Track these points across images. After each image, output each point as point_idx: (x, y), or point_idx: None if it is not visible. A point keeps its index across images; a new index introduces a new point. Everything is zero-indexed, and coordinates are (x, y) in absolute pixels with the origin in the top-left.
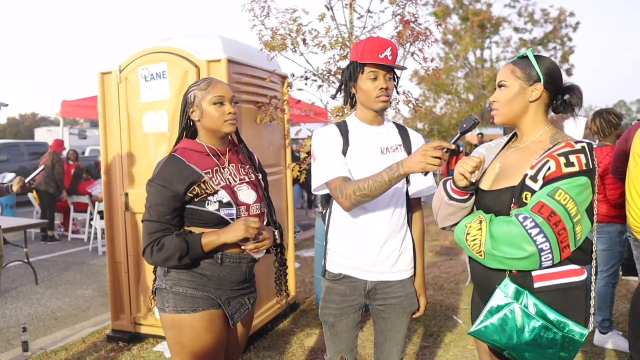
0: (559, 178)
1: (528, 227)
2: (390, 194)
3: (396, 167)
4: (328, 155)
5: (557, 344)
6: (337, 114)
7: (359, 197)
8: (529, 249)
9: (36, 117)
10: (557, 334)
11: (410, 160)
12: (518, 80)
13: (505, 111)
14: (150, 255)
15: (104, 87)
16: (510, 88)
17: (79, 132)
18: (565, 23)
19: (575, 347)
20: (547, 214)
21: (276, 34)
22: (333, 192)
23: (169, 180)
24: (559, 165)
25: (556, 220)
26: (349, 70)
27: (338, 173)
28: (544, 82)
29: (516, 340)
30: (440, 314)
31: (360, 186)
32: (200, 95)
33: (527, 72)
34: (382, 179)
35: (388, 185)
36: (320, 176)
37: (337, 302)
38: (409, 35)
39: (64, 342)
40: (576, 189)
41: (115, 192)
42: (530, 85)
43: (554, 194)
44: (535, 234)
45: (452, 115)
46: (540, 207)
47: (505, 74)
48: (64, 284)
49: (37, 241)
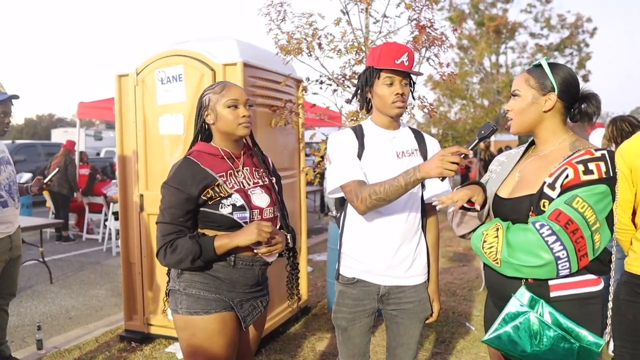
0: (577, 186)
1: (545, 235)
2: (406, 198)
3: (413, 172)
4: (343, 158)
5: (573, 354)
6: (351, 118)
7: (374, 200)
8: (546, 256)
9: (53, 118)
10: (574, 345)
11: (428, 165)
12: (532, 90)
13: (519, 120)
14: (163, 257)
15: (120, 89)
16: (523, 98)
17: (95, 134)
18: (582, 29)
19: (591, 358)
20: (564, 222)
21: (292, 38)
22: (348, 195)
23: (184, 183)
24: (577, 172)
25: (574, 229)
26: (365, 75)
27: (353, 177)
28: (559, 92)
29: (531, 350)
30: (452, 320)
31: (376, 190)
32: (214, 98)
33: (541, 82)
34: (399, 183)
35: (404, 190)
36: (335, 179)
37: (350, 306)
38: (425, 40)
39: (77, 342)
40: (595, 197)
41: (130, 194)
42: (544, 95)
43: (571, 201)
44: (552, 242)
45: (467, 120)
46: (558, 214)
47: (519, 83)
48: (79, 284)
49: (52, 241)
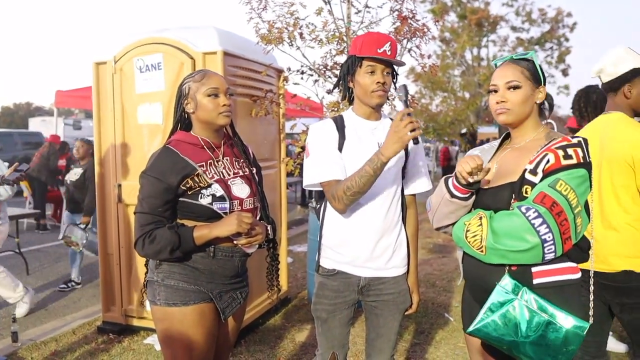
0: (559, 170)
1: (531, 218)
2: (386, 190)
3: (376, 157)
4: (323, 153)
5: (560, 338)
6: (332, 109)
7: (350, 196)
8: (532, 239)
9: (30, 107)
10: (561, 329)
11: (386, 145)
12: (528, 82)
13: (518, 111)
14: (142, 247)
15: (98, 78)
16: (523, 90)
17: (74, 123)
18: (562, 23)
19: (577, 341)
20: (549, 204)
21: (273, 27)
22: (327, 194)
23: (163, 173)
24: (558, 157)
25: (558, 211)
26: (347, 64)
27: (332, 176)
28: (544, 85)
29: (520, 337)
30: (432, 311)
31: (349, 185)
32: (194, 87)
33: (534, 74)
34: (367, 172)
35: (375, 177)
36: (314, 175)
37: (331, 298)
38: (407, 31)
39: (54, 334)
40: (576, 180)
41: (108, 184)
42: (537, 88)
43: (555, 184)
44: (539, 225)
45: (448, 113)
46: (542, 197)
47: (517, 75)
48: (56, 275)
49: (29, 231)
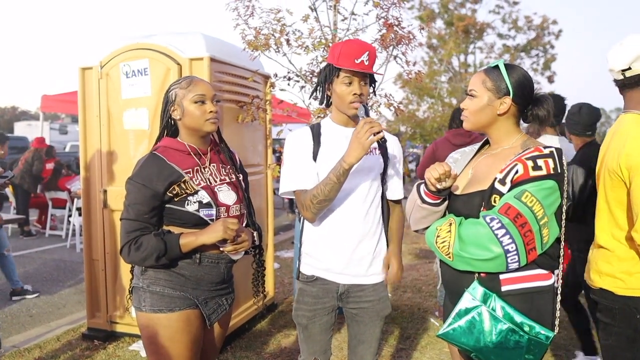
0: (527, 181)
1: (495, 228)
2: (363, 195)
3: (339, 165)
4: (296, 163)
5: (523, 346)
6: (319, 115)
7: (316, 204)
8: (495, 250)
9: (16, 111)
10: (523, 337)
11: (348, 152)
12: (487, 92)
13: (473, 120)
14: (127, 254)
15: (84, 83)
16: (479, 99)
17: (60, 127)
18: (548, 31)
19: (541, 350)
20: (513, 216)
21: (260, 33)
22: (297, 204)
23: (149, 179)
24: (526, 168)
25: (522, 222)
26: (325, 72)
27: (303, 185)
28: (513, 96)
29: (483, 343)
30: (417, 316)
31: (315, 193)
32: (181, 93)
33: (497, 84)
34: (331, 180)
35: (339, 184)
36: (287, 184)
37: (310, 304)
38: (392, 38)
39: (38, 340)
40: (543, 192)
41: (94, 189)
42: (499, 98)
43: (520, 196)
44: (502, 235)
45: (435, 119)
46: (507, 208)
47: (476, 84)
48: (40, 281)
49: (14, 237)
